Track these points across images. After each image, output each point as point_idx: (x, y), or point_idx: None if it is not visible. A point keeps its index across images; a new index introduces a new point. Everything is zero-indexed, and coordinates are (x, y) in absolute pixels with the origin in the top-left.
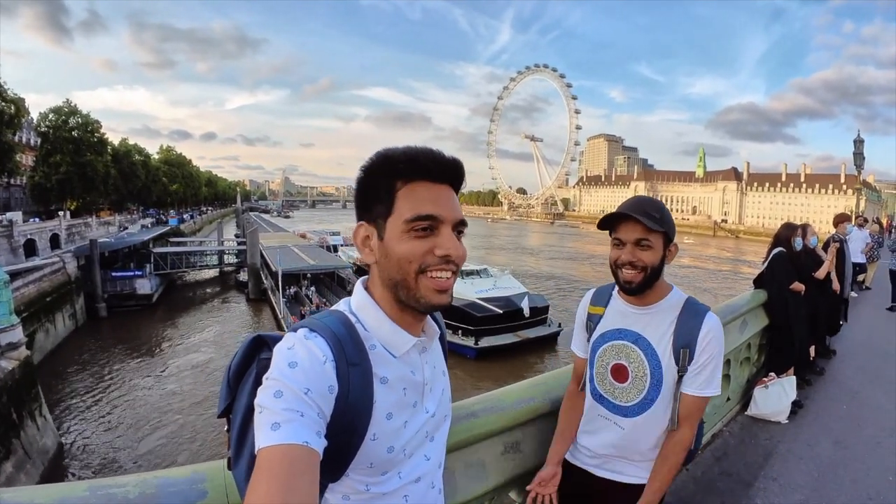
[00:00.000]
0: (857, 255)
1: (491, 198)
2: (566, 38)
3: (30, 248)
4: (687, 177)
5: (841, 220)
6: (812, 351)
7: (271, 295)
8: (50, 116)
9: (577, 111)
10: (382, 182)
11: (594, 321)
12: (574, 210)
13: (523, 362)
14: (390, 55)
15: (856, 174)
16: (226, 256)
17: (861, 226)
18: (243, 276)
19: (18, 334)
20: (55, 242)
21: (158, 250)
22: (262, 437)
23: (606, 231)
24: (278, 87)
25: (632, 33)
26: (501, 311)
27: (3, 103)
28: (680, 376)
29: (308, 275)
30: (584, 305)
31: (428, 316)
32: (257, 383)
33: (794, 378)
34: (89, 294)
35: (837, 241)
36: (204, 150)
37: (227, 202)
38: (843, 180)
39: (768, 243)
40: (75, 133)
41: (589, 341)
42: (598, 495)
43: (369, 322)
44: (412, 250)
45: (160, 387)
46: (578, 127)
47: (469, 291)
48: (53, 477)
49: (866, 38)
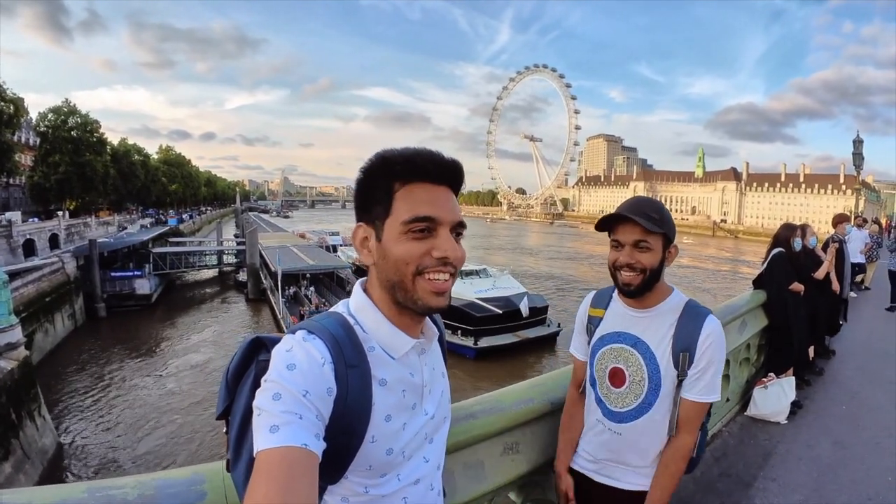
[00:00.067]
0: (857, 256)
1: (490, 198)
2: (566, 39)
3: (29, 248)
4: (686, 177)
5: (840, 221)
6: (811, 351)
7: (270, 295)
8: (49, 116)
9: (577, 111)
10: (380, 183)
11: (594, 324)
12: (573, 210)
13: (523, 362)
14: (390, 55)
15: (855, 174)
16: (225, 256)
17: (860, 226)
18: (242, 277)
19: (17, 334)
20: (54, 242)
21: (158, 250)
22: (261, 440)
23: (605, 232)
24: (278, 87)
25: (631, 33)
26: (501, 312)
27: (3, 103)
28: (680, 381)
29: (307, 275)
30: (585, 307)
31: (427, 317)
32: (256, 385)
33: (794, 378)
34: (88, 294)
35: (837, 242)
36: (203, 150)
37: (227, 202)
38: (843, 180)
39: (767, 243)
40: (74, 133)
41: (589, 344)
42: (598, 500)
43: (368, 324)
44: (409, 252)
45: (159, 387)
46: (578, 127)
47: (468, 291)
48: (52, 477)
49: (866, 39)
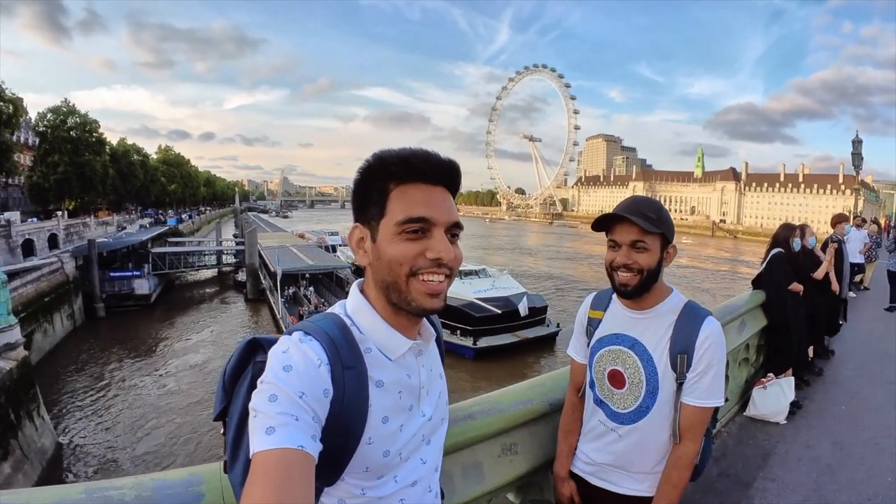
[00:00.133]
0: (856, 256)
1: (489, 198)
2: (565, 39)
3: (28, 248)
4: (685, 177)
5: (839, 221)
6: (810, 352)
7: (270, 295)
8: (48, 116)
9: (576, 111)
10: (376, 184)
11: (594, 325)
12: (573, 210)
13: (522, 362)
14: (389, 55)
15: (854, 174)
16: (224, 256)
17: (859, 226)
18: (242, 277)
19: (16, 334)
20: (53, 242)
21: (157, 250)
22: (257, 442)
23: (602, 232)
24: (277, 87)
25: (631, 34)
26: (500, 312)
27: (2, 103)
28: (679, 384)
29: (307, 275)
30: (585, 309)
31: (424, 318)
32: (253, 386)
33: (793, 379)
34: (87, 294)
35: (836, 242)
36: (202, 150)
37: (226, 202)
38: (842, 180)
39: (766, 243)
40: (73, 133)
41: (588, 346)
42: None
43: (364, 325)
44: (403, 252)
45: (158, 387)
46: (577, 127)
47: (467, 291)
48: (52, 478)
49: (865, 39)
